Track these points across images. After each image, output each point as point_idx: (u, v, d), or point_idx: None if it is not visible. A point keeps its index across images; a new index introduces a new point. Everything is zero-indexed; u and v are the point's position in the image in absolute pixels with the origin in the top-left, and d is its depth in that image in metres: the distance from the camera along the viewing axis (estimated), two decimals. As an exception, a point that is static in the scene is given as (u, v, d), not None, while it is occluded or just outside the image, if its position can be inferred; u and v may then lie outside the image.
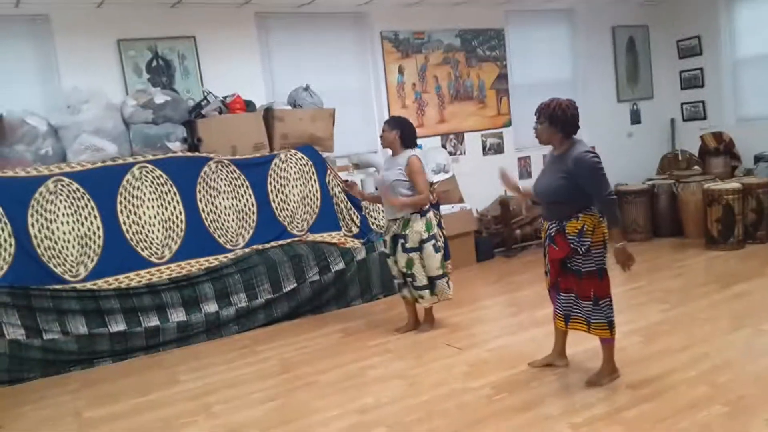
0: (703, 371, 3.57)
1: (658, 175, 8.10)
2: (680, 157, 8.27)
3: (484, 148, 7.67)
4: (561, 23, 8.21)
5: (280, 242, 5.58)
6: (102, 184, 5.03)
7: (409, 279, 4.68)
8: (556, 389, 3.56)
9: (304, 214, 5.80)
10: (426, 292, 4.68)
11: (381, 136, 4.77)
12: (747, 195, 6.45)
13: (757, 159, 7.50)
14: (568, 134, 3.49)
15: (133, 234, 5.09)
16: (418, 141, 7.02)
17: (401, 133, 4.66)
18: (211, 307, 5.12)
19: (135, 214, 5.12)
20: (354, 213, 6.01)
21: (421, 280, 4.64)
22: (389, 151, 4.83)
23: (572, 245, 3.46)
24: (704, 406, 3.15)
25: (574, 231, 3.44)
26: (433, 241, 4.64)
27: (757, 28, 7.78)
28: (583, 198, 3.44)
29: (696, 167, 7.91)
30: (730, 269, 5.73)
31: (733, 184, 6.52)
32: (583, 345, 3.89)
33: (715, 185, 6.60)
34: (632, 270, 3.44)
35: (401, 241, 4.63)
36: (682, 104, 8.69)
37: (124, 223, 5.07)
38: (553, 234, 3.57)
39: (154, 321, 4.92)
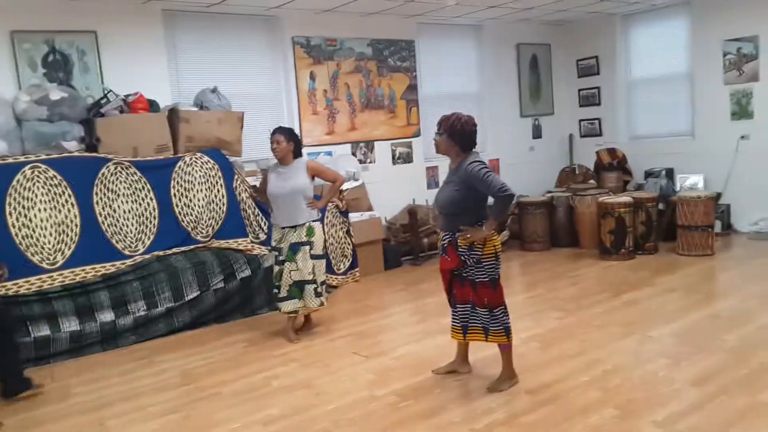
0: (596, 376, 3.75)
1: (557, 188, 8.48)
2: (577, 171, 8.71)
3: (393, 157, 7.76)
4: (469, 38, 8.44)
5: (183, 248, 5.40)
6: (-12, 184, 4.70)
7: (311, 286, 4.74)
8: (459, 395, 3.64)
9: (210, 219, 5.64)
10: (325, 297, 4.89)
11: (277, 148, 4.72)
12: (638, 208, 6.85)
13: (648, 175, 8.05)
14: (465, 149, 3.62)
15: (23, 238, 4.78)
16: (330, 148, 7.09)
17: (295, 145, 4.79)
18: (106, 316, 4.88)
19: (25, 216, 4.81)
20: (261, 219, 5.91)
21: (322, 284, 4.84)
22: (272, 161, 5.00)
23: (462, 257, 3.59)
24: (596, 410, 3.32)
25: (465, 244, 3.56)
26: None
27: (650, 52, 8.34)
28: (476, 212, 3.57)
29: (591, 181, 8.36)
30: (621, 278, 6.06)
31: (625, 198, 6.92)
32: (485, 352, 4.00)
33: (609, 199, 6.98)
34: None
35: (306, 248, 4.70)
36: (580, 121, 9.16)
37: (13, 225, 4.75)
38: (445, 245, 3.69)
39: (44, 331, 4.64)
